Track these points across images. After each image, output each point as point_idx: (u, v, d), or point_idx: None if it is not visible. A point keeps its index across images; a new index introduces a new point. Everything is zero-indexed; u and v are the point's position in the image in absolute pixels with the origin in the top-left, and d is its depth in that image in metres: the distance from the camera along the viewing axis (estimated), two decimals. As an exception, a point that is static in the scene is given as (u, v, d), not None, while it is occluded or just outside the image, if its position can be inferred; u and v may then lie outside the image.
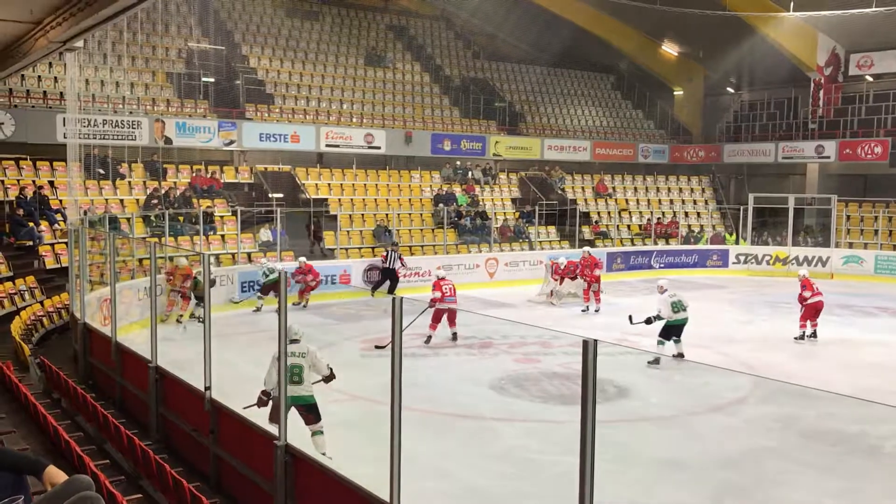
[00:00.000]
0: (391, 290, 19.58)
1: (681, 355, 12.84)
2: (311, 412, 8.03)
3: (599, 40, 32.03)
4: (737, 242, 26.78)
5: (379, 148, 25.07)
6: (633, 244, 26.53)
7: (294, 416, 7.72)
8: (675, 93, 35.42)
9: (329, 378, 8.27)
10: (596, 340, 3.77)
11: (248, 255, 19.31)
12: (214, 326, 8.23)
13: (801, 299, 15.16)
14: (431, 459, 8.32)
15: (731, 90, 35.39)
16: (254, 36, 27.61)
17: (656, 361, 12.68)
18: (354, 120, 25.84)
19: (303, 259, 18.07)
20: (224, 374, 8.39)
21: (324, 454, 7.62)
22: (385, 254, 19.70)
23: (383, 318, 5.48)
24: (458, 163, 26.56)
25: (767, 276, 24.45)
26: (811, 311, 15.03)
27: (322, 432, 7.99)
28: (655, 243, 26.49)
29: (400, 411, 5.19)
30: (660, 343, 12.87)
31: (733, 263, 25.78)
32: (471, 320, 15.59)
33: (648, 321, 12.96)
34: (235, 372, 10.10)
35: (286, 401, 6.80)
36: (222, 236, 19.53)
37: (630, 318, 13.50)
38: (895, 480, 8.22)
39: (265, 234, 19.86)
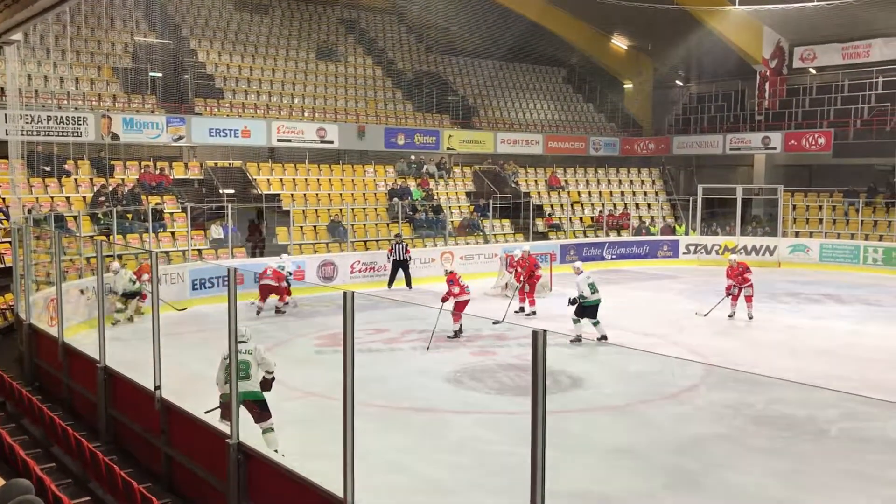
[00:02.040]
0: (407, 281, 20.09)
1: (604, 337, 13.58)
2: (261, 408, 7.95)
3: (551, 34, 32.23)
4: (686, 233, 27.23)
5: (332, 142, 24.90)
6: (585, 236, 26.79)
7: (245, 414, 7.64)
8: (625, 86, 35.83)
9: (269, 384, 8.05)
10: (545, 331, 3.79)
11: (199, 251, 19.03)
12: (164, 326, 8.10)
13: (745, 281, 16.03)
14: (387, 454, 8.31)
15: (679, 83, 35.92)
16: (202, 30, 27.18)
17: (578, 340, 13.47)
18: (306, 114, 25.61)
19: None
20: (175, 374, 8.26)
21: (276, 451, 7.55)
22: (391, 247, 20.16)
23: (339, 314, 5.44)
24: (413, 157, 26.51)
25: (717, 266, 24.86)
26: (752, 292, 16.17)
27: (273, 429, 7.90)
28: (607, 235, 26.80)
29: (352, 407, 5.16)
30: (576, 322, 13.66)
31: (683, 254, 26.21)
32: (427, 314, 15.59)
33: (573, 301, 13.85)
34: (186, 371, 9.95)
35: (237, 398, 6.72)
36: (172, 233, 19.20)
37: (570, 300, 14.25)
38: (840, 462, 8.42)
39: (216, 230, 19.59)
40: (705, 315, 16.18)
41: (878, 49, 27.78)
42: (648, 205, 29.62)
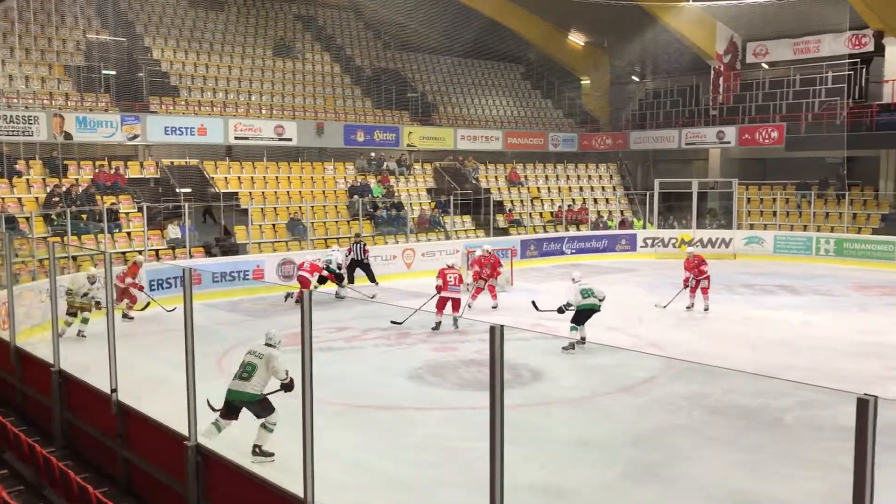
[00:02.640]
0: (371, 277, 19.60)
1: (582, 339, 13.18)
2: (258, 406, 7.78)
3: (508, 31, 32.38)
4: (644, 227, 27.58)
5: (290, 140, 24.72)
6: (545, 231, 26.98)
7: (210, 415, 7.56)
8: (582, 82, 36.11)
9: (288, 387, 7.73)
10: (502, 326, 3.82)
11: (157, 252, 18.76)
12: (122, 327, 7.98)
13: (701, 273, 16.27)
14: (349, 452, 8.29)
15: (636, 79, 36.31)
16: (156, 27, 26.77)
17: (571, 347, 12.96)
18: (264, 112, 25.39)
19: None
20: (132, 376, 8.15)
21: (259, 446, 7.66)
22: (350, 247, 19.86)
23: (299, 313, 5.41)
24: (373, 154, 26.43)
25: (674, 259, 25.21)
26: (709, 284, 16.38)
27: (270, 429, 7.76)
28: (567, 230, 27.01)
29: (311, 406, 5.14)
30: (573, 329, 13.13)
31: (641, 247, 26.54)
32: (391, 313, 15.60)
33: (560, 310, 13.35)
34: (144, 373, 9.82)
35: (193, 399, 6.64)
36: (128, 234, 18.91)
37: (534, 303, 14.23)
38: (795, 450, 8.60)
39: (173, 230, 19.33)
40: (664, 307, 16.42)
41: (828, 44, 28.36)
42: (607, 199, 29.92)
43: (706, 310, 16.23)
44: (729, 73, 30.80)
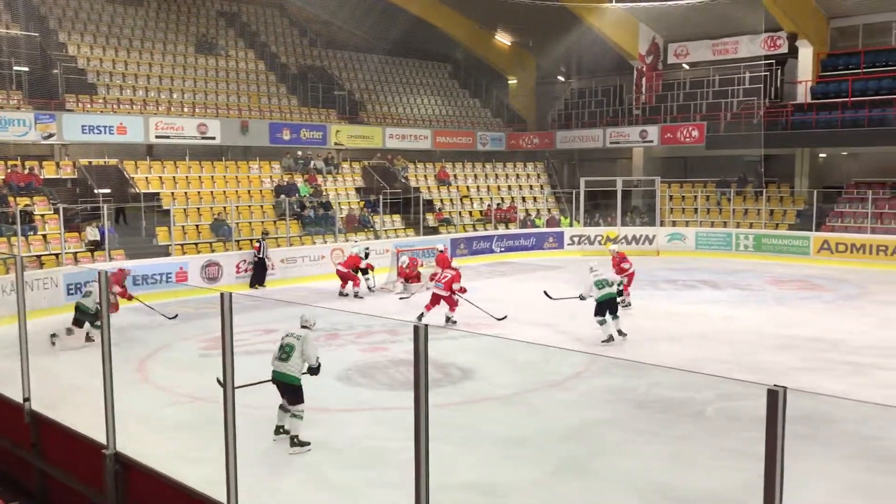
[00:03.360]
0: (260, 282, 19.58)
1: (621, 333, 13.48)
2: (292, 393, 8.33)
3: (436, 29, 32.40)
4: (571, 225, 27.99)
5: (214, 138, 24.20)
6: (475, 230, 27.11)
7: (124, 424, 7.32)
8: (509, 82, 36.41)
9: (314, 371, 8.45)
10: (426, 325, 3.79)
11: (75, 255, 18.12)
12: (35, 333, 7.66)
13: (622, 270, 16.59)
14: (276, 456, 8.15)
15: (561, 79, 36.81)
16: (71, 22, 25.86)
17: (610, 339, 13.28)
18: (186, 110, 24.79)
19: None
20: (53, 385, 7.84)
21: (295, 437, 8.23)
22: (258, 245, 19.74)
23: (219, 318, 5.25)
24: (299, 152, 26.10)
25: (600, 256, 25.65)
26: (631, 280, 16.70)
27: (300, 416, 8.30)
28: (496, 228, 27.21)
29: (234, 409, 5.01)
30: (601, 322, 13.42)
31: (568, 245, 26.93)
32: (318, 315, 15.34)
33: (581, 298, 13.85)
34: (66, 382, 9.47)
35: (111, 404, 6.42)
36: (44, 236, 18.20)
37: (546, 292, 14.46)
38: (718, 441, 8.81)
39: (92, 232, 18.70)
40: (552, 298, 16.38)
41: (745, 46, 29.26)
42: (534, 198, 30.25)
43: (628, 305, 16.49)
44: (651, 74, 31.51)
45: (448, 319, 14.75)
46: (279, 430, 8.63)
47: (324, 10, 32.39)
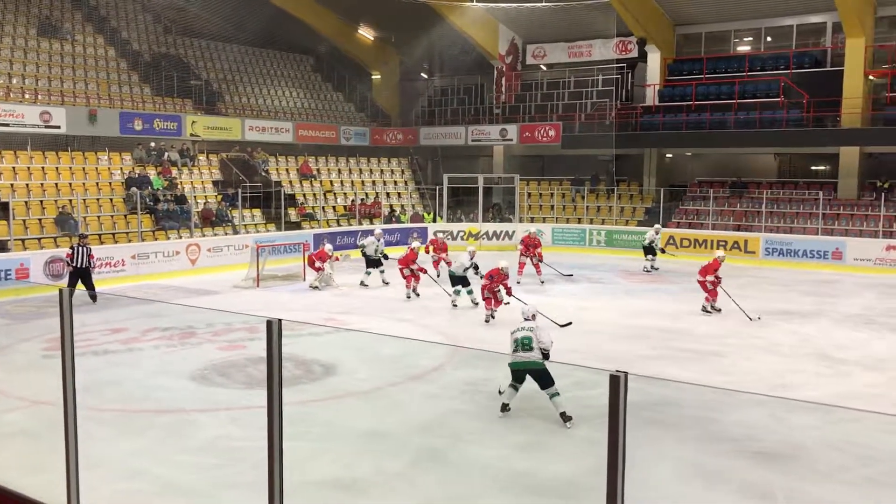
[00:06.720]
0: (90, 289, 16.69)
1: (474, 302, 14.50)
2: (542, 378, 8.97)
3: (297, 21, 31.84)
4: (434, 220, 28.30)
5: (58, 127, 22.76)
6: (339, 225, 26.90)
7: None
8: (373, 77, 36.32)
9: (547, 355, 9.12)
10: (280, 320, 3.73)
11: None
12: None
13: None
14: (124, 460, 7.78)
15: (424, 76, 37.10)
16: None
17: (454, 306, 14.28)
18: (27, 96, 23.21)
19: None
20: None
21: (563, 413, 8.81)
22: (71, 250, 16.67)
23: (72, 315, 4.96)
24: (153, 143, 25.00)
25: (462, 252, 26.08)
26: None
27: (559, 393, 8.91)
28: (360, 223, 27.11)
29: (75, 413, 4.75)
30: (457, 293, 15.44)
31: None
32: (170, 311, 14.84)
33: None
34: None
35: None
36: None
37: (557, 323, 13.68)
38: (572, 430, 9.10)
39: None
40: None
41: (598, 49, 30.50)
42: (399, 193, 30.36)
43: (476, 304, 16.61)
44: (511, 74, 32.28)
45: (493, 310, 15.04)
46: (505, 407, 9.24)
47: (179, -4, 31.14)
